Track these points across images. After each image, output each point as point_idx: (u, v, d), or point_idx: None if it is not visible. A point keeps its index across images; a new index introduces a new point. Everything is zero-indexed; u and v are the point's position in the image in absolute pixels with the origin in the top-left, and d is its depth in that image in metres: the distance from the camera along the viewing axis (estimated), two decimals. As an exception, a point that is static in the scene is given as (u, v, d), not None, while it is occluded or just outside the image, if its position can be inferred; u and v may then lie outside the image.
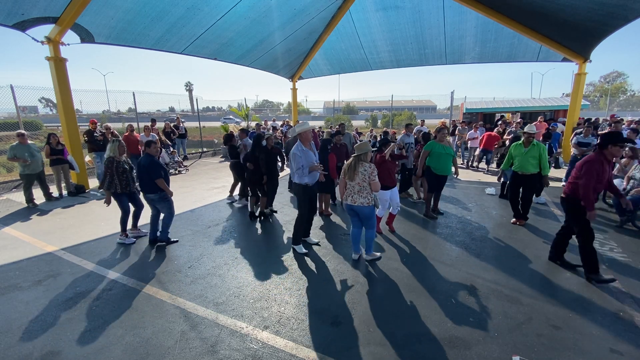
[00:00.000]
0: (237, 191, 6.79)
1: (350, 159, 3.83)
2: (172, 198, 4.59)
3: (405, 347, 2.57)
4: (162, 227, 4.58)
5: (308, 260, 4.11)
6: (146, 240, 4.74)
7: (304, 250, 4.30)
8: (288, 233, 5.06)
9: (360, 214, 3.80)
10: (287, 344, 2.63)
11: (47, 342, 2.67)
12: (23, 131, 6.66)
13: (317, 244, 4.58)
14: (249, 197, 6.01)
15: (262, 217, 5.71)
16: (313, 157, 4.18)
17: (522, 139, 5.19)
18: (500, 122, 10.86)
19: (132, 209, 4.78)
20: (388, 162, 4.67)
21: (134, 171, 4.63)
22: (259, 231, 5.16)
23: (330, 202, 6.16)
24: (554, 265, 3.89)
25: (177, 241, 4.71)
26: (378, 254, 4.13)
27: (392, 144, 4.87)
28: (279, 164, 6.01)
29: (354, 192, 3.75)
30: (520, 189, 5.19)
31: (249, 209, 5.84)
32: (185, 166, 11.04)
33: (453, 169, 5.59)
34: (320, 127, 13.12)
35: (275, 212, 6.06)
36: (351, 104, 53.77)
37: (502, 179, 6.41)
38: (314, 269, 3.87)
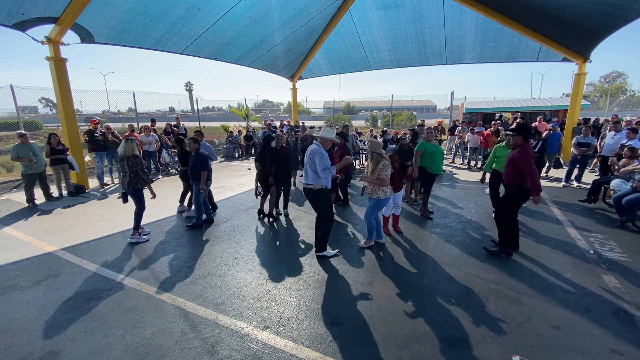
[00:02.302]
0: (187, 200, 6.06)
1: (388, 159, 4.20)
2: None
3: (405, 347, 2.57)
4: (206, 210, 5.40)
5: (308, 260, 4.11)
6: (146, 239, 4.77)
7: (333, 252, 4.21)
8: (289, 233, 5.06)
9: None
10: (287, 344, 2.63)
11: (47, 342, 2.67)
12: (24, 131, 6.67)
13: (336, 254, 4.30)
14: (257, 196, 5.81)
15: (271, 218, 5.58)
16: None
17: (505, 141, 5.32)
18: (493, 122, 10.77)
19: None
20: (395, 167, 4.66)
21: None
22: (259, 231, 5.15)
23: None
24: (554, 265, 3.89)
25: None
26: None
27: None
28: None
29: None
30: (502, 186, 5.40)
31: (259, 207, 5.75)
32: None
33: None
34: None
35: (280, 214, 5.83)
36: (351, 104, 53.70)
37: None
38: (314, 269, 3.87)
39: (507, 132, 4.13)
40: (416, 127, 8.68)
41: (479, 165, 10.24)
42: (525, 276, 3.66)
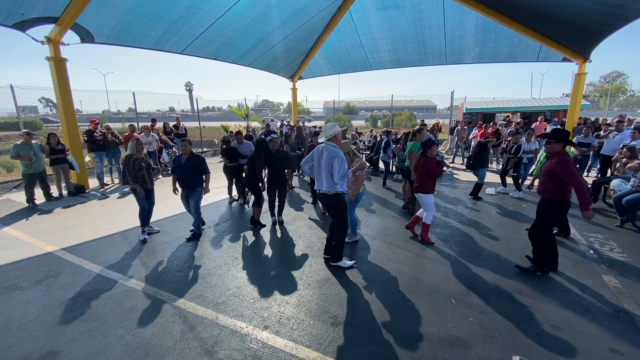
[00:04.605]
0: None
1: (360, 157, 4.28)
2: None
3: (405, 347, 2.57)
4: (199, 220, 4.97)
5: (308, 260, 4.11)
6: (147, 239, 4.77)
7: (350, 263, 3.92)
8: (289, 233, 5.06)
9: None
10: (287, 344, 2.63)
11: (47, 342, 2.67)
12: (30, 131, 6.68)
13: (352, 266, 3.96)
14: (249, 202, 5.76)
15: (258, 226, 5.21)
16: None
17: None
18: (492, 123, 10.75)
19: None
20: (436, 167, 4.45)
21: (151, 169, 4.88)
22: (259, 232, 5.15)
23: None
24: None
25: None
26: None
27: (435, 145, 4.55)
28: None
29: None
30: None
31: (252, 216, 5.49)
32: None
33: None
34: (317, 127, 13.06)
35: (276, 222, 5.45)
36: (351, 104, 53.67)
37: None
38: (314, 269, 3.87)
39: (544, 139, 3.61)
40: (414, 128, 8.68)
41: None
42: (525, 276, 3.65)
